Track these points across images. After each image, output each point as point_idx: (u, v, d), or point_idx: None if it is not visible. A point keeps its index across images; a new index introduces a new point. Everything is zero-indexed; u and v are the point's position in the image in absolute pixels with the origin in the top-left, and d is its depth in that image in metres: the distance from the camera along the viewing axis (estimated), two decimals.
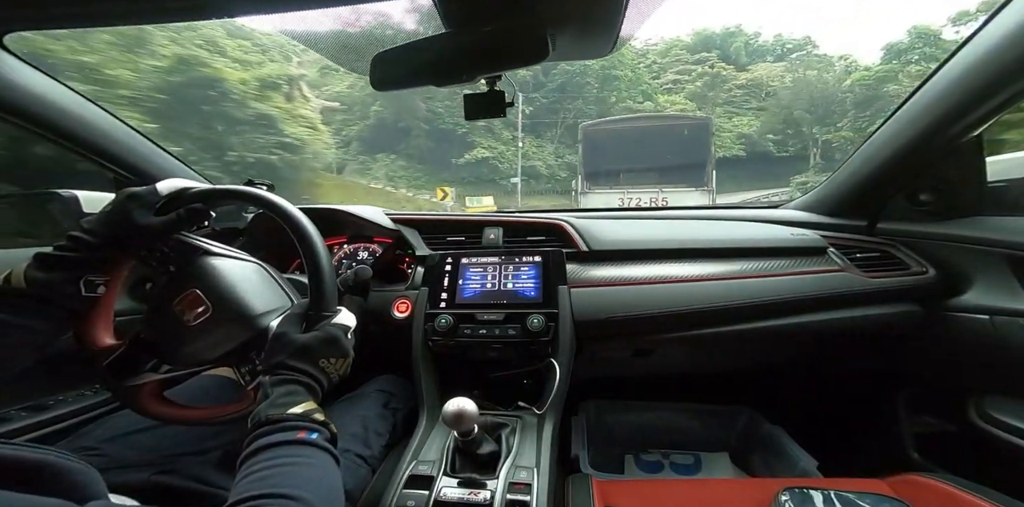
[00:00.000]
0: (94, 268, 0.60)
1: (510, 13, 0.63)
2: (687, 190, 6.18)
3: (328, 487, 0.44)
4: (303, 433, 0.47)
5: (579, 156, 6.67)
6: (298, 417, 0.48)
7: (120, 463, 0.64)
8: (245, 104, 9.81)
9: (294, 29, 0.71)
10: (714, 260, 1.00)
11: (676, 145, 6.32)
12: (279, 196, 0.67)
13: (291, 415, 0.48)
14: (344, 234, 1.21)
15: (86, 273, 0.59)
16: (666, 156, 6.35)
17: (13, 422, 0.90)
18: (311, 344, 0.55)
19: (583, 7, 0.64)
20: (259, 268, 0.69)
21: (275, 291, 0.68)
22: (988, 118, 0.82)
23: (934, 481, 0.69)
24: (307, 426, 0.47)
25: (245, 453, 0.45)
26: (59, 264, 0.57)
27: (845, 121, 18.50)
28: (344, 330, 0.59)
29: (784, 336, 0.97)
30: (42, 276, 0.55)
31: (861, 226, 1.11)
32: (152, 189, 0.63)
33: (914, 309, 0.98)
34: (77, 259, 0.58)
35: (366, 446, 0.76)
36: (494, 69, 0.69)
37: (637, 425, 1.35)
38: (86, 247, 0.58)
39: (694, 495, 0.75)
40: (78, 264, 0.58)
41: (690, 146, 6.32)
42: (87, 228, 0.59)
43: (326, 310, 0.60)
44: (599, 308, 0.92)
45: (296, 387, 0.51)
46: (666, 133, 6.45)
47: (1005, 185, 0.95)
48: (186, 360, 0.64)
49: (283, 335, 0.56)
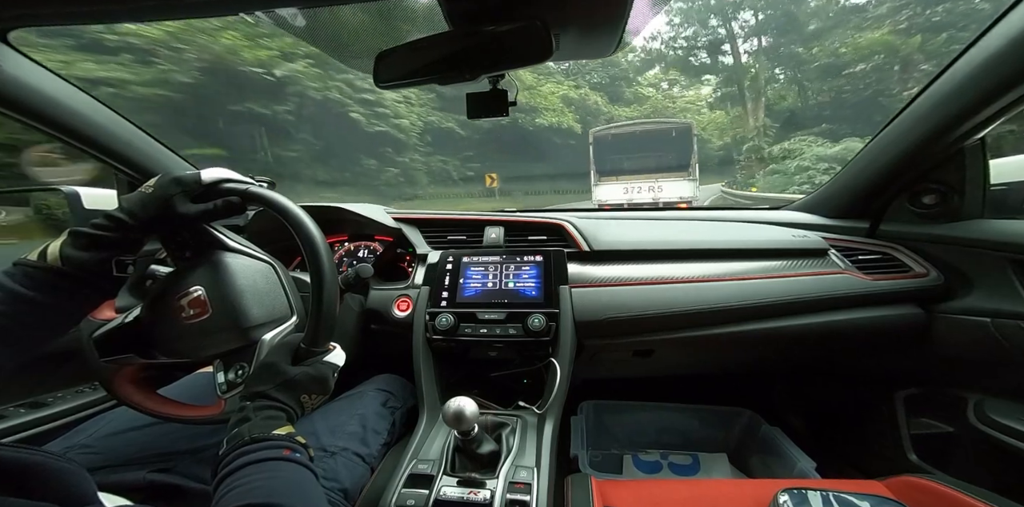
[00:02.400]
0: (126, 249, 0.59)
1: (514, 12, 0.63)
2: (676, 179, 7.70)
3: (315, 501, 0.46)
4: (288, 451, 0.48)
5: (591, 155, 8.32)
6: (283, 437, 0.49)
7: (115, 461, 0.64)
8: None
9: (297, 26, 0.71)
10: (715, 261, 1.00)
11: (666, 144, 8.02)
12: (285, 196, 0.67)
13: (276, 435, 0.49)
14: (345, 232, 1.21)
15: (119, 253, 0.58)
16: (658, 153, 7.96)
17: (11, 419, 0.90)
18: (299, 379, 0.56)
19: (587, 7, 0.64)
20: (269, 270, 0.69)
21: (277, 299, 0.67)
22: (991, 121, 0.82)
23: (932, 483, 0.69)
24: (291, 446, 0.49)
25: (225, 470, 0.46)
26: (95, 243, 0.55)
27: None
28: (333, 370, 0.60)
29: (784, 337, 0.98)
30: (78, 255, 0.54)
31: (863, 228, 1.11)
32: (196, 176, 0.62)
33: (915, 311, 0.98)
34: (113, 239, 0.56)
35: (364, 445, 0.76)
36: (497, 68, 0.69)
37: (636, 425, 1.36)
38: (124, 228, 0.56)
39: (692, 495, 0.75)
40: (113, 244, 0.57)
41: (677, 145, 8.03)
42: (127, 208, 0.57)
43: (320, 347, 0.60)
44: (600, 308, 0.92)
45: (278, 413, 0.53)
46: (658, 135, 8.24)
47: (1007, 188, 0.95)
48: (172, 354, 0.64)
49: (273, 366, 0.56)
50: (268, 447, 0.48)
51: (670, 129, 8.39)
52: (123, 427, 0.71)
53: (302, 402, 0.56)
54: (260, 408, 0.53)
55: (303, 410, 0.57)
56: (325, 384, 0.58)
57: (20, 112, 0.88)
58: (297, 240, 0.62)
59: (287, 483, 0.45)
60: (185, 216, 0.60)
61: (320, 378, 0.57)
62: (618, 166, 7.89)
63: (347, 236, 1.22)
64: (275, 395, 0.54)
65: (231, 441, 0.49)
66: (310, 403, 0.58)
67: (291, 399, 0.55)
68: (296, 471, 0.47)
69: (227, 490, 0.43)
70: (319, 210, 1.06)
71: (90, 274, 0.55)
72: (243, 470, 0.45)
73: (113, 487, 0.53)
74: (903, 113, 0.93)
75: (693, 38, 24.30)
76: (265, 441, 0.48)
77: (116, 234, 0.56)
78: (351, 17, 0.69)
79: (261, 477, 0.44)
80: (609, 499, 0.71)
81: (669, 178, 7.69)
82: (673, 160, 7.94)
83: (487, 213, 1.18)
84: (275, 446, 0.48)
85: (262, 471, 0.45)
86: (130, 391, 0.65)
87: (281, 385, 0.55)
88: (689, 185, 7.63)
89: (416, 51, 0.69)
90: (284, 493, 0.42)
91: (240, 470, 0.45)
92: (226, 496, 0.42)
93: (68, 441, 0.69)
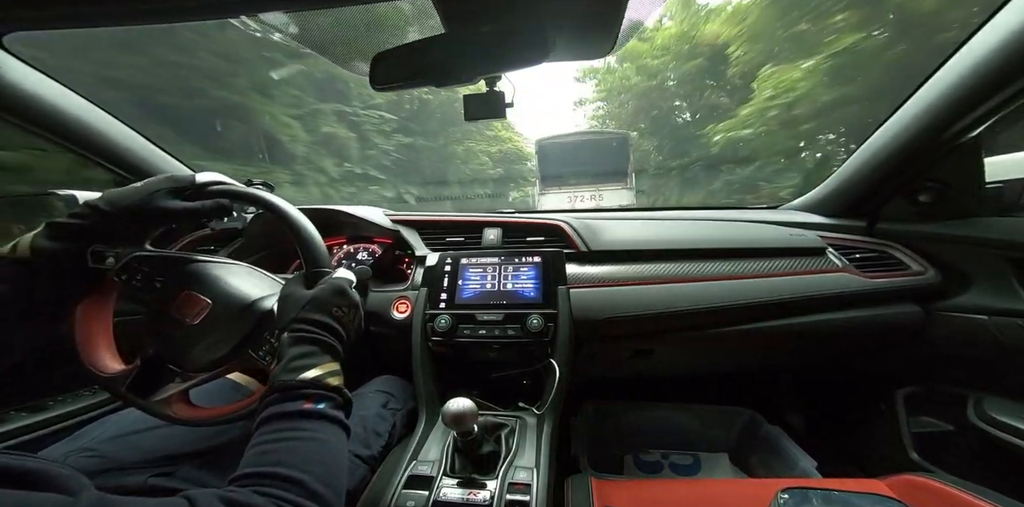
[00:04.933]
0: (103, 238, 0.58)
1: (510, 13, 0.63)
2: (616, 189, 7.88)
3: (330, 464, 0.43)
4: (309, 403, 0.45)
5: (536, 164, 8.60)
6: (308, 383, 0.47)
7: (118, 464, 0.64)
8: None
9: (293, 28, 0.71)
10: (713, 260, 1.00)
11: (606, 153, 8.18)
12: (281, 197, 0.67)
13: (300, 382, 0.46)
14: (343, 235, 1.21)
15: (94, 242, 0.57)
16: (599, 162, 8.11)
17: (10, 422, 0.90)
18: (320, 295, 0.55)
19: (583, 7, 0.64)
20: (248, 267, 0.71)
21: (268, 281, 0.69)
22: (986, 119, 0.82)
23: (933, 481, 0.69)
24: (316, 394, 0.47)
25: (258, 420, 0.45)
26: (66, 232, 0.55)
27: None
28: (348, 282, 0.60)
29: (783, 336, 0.98)
30: (49, 245, 0.53)
31: (860, 226, 1.12)
32: (191, 176, 0.63)
33: (913, 309, 0.98)
34: (85, 226, 0.56)
35: (365, 446, 0.76)
36: (494, 70, 0.69)
37: (636, 425, 1.35)
38: (98, 214, 0.56)
39: (693, 495, 0.75)
40: (86, 232, 0.56)
41: (615, 155, 8.24)
42: (106, 196, 0.57)
43: (324, 267, 0.61)
44: (598, 308, 0.92)
45: (311, 348, 0.50)
46: (598, 144, 8.40)
47: (1003, 186, 0.95)
48: (202, 362, 0.64)
49: (290, 294, 0.56)
50: (290, 398, 0.46)
51: (610, 139, 8.58)
52: (126, 430, 0.71)
53: (339, 318, 0.55)
54: (294, 341, 0.51)
55: (345, 329, 0.55)
56: (347, 295, 0.57)
57: (17, 116, 0.88)
58: (294, 241, 0.63)
59: (297, 446, 0.42)
60: (168, 211, 0.60)
61: (339, 290, 0.57)
62: (562, 175, 8.07)
63: (345, 239, 1.22)
64: (306, 316, 0.53)
65: (270, 382, 0.48)
66: (347, 319, 0.56)
67: (324, 315, 0.53)
68: (315, 429, 0.45)
69: (250, 447, 0.42)
70: (317, 212, 1.06)
71: (62, 264, 0.54)
72: (263, 426, 0.44)
73: (115, 491, 0.53)
74: (898, 111, 0.94)
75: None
76: (288, 390, 0.46)
77: (90, 221, 0.56)
78: (347, 19, 0.69)
79: (274, 438, 0.43)
80: (609, 499, 0.70)
81: (609, 187, 7.85)
82: (612, 169, 8.10)
83: (485, 214, 1.18)
84: (297, 396, 0.46)
85: (277, 430, 0.43)
86: (187, 411, 0.65)
87: (307, 305, 0.54)
88: (627, 193, 7.85)
89: (412, 53, 0.69)
90: (290, 461, 0.41)
91: (261, 426, 0.44)
92: (246, 454, 0.41)
93: (70, 445, 0.69)
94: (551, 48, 0.63)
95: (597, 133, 9.56)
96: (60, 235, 0.55)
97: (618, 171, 8.03)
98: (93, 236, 0.57)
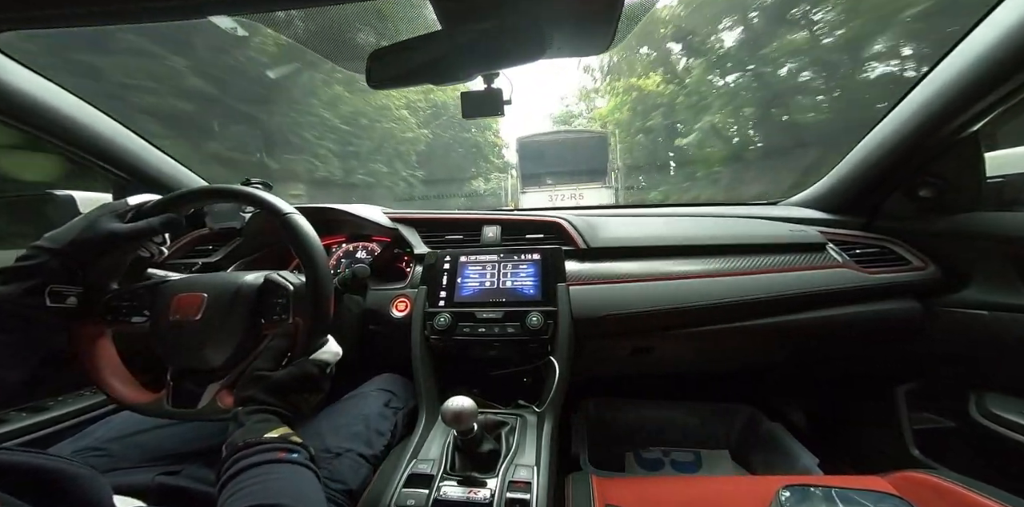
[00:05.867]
0: (58, 276, 0.59)
1: (506, 10, 0.62)
2: (596, 188, 7.88)
3: (313, 500, 0.45)
4: (283, 453, 0.48)
5: (516, 163, 8.60)
6: (276, 440, 0.49)
7: (125, 463, 0.64)
8: None
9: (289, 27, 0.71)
10: (713, 257, 0.99)
11: (585, 152, 8.15)
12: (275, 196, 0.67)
13: (268, 438, 0.49)
14: (342, 233, 1.21)
15: (50, 282, 0.58)
16: (578, 161, 8.11)
17: (12, 423, 0.90)
18: (283, 381, 0.56)
19: (579, 4, 0.63)
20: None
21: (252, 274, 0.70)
22: (986, 114, 0.82)
23: (935, 478, 0.69)
24: (286, 447, 0.49)
25: (225, 477, 0.46)
26: (17, 274, 0.57)
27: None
28: (321, 366, 0.60)
29: (783, 333, 0.97)
30: (2, 289, 0.56)
31: (860, 222, 1.11)
32: (123, 201, 0.66)
33: (913, 305, 0.98)
34: (36, 267, 0.57)
35: (368, 446, 0.76)
36: (491, 67, 0.69)
37: (637, 423, 1.35)
38: (46, 253, 0.58)
39: (694, 493, 0.75)
40: (38, 272, 0.57)
41: (595, 153, 8.23)
42: (47, 235, 0.60)
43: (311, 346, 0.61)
44: (598, 305, 0.92)
45: (269, 416, 0.53)
46: (578, 143, 8.39)
47: (1003, 181, 0.95)
48: (226, 349, 0.64)
49: (257, 371, 0.58)
50: (262, 450, 0.48)
51: (588, 138, 8.60)
52: (131, 429, 0.72)
53: (295, 402, 0.56)
54: (251, 412, 0.53)
55: (299, 410, 0.57)
56: (311, 381, 0.58)
57: (11, 117, 0.88)
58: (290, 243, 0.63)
59: (283, 484, 0.45)
60: (115, 232, 0.61)
61: (303, 376, 0.58)
62: (543, 174, 8.10)
63: (345, 237, 1.21)
64: (262, 398, 0.55)
65: (228, 448, 0.50)
66: (305, 404, 0.58)
67: (279, 401, 0.55)
68: (293, 471, 0.47)
69: (228, 496, 0.44)
70: (316, 211, 1.06)
71: (20, 306, 0.56)
72: (240, 475, 0.45)
73: (122, 490, 0.53)
74: (898, 107, 0.93)
75: None
76: (258, 445, 0.48)
77: (39, 260, 0.57)
78: (343, 17, 0.68)
79: (257, 480, 0.44)
80: (610, 497, 0.70)
81: (590, 186, 7.86)
82: (592, 168, 8.11)
83: (484, 212, 1.18)
84: (269, 449, 0.48)
85: (258, 475, 0.45)
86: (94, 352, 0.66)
87: (266, 389, 0.55)
88: (608, 193, 7.86)
89: (409, 51, 0.69)
90: (279, 494, 0.43)
91: (238, 476, 0.46)
92: (227, 502, 0.43)
93: (76, 444, 0.69)
94: (548, 44, 0.63)
95: (576, 132, 9.60)
96: (13, 279, 0.56)
97: (598, 169, 8.08)
98: (48, 276, 0.58)
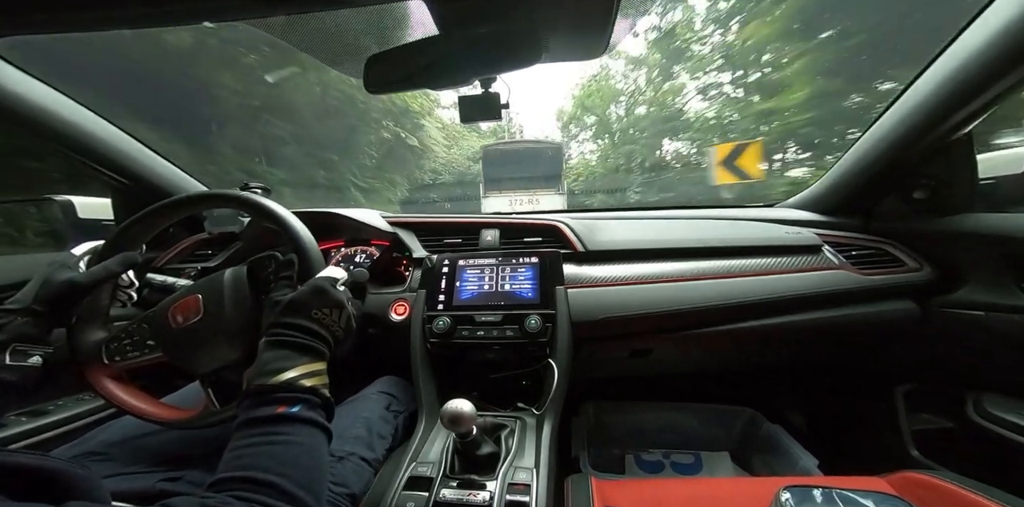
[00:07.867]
0: (23, 336, 0.58)
1: (504, 15, 0.63)
2: (550, 194, 8.54)
3: (308, 467, 0.43)
4: (283, 407, 0.45)
5: (480, 169, 9.29)
6: (280, 387, 0.47)
7: (126, 468, 0.64)
8: None
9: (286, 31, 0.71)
10: (710, 259, 1.00)
11: (542, 161, 8.91)
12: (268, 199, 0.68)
13: (272, 386, 0.47)
14: (341, 238, 1.21)
15: (12, 341, 0.58)
16: (536, 169, 8.79)
17: (11, 427, 0.89)
18: (298, 298, 0.55)
19: (575, 9, 0.64)
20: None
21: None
22: (978, 115, 0.83)
23: (934, 478, 0.69)
24: (289, 397, 0.46)
25: (234, 426, 0.45)
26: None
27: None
28: (330, 281, 0.59)
29: (781, 334, 0.98)
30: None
31: (856, 224, 1.12)
32: (68, 252, 0.67)
33: (909, 306, 0.98)
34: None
35: (370, 449, 0.76)
36: (488, 71, 0.70)
37: (637, 425, 1.35)
38: (11, 314, 0.58)
39: (694, 495, 0.75)
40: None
41: (551, 162, 9.00)
42: (11, 299, 0.60)
43: (310, 267, 0.62)
44: (596, 308, 0.92)
45: (286, 351, 0.50)
46: (537, 152, 9.16)
47: (996, 182, 0.96)
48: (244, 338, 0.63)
49: (272, 300, 0.57)
50: (262, 403, 0.46)
51: (547, 148, 9.40)
52: (132, 434, 0.71)
53: (319, 320, 0.55)
54: (267, 348, 0.51)
55: (328, 330, 0.55)
56: (327, 295, 0.57)
57: (10, 121, 0.88)
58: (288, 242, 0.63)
59: (272, 450, 0.43)
60: (74, 282, 0.62)
61: (317, 290, 0.57)
62: (503, 180, 8.72)
63: (343, 241, 1.21)
64: (283, 320, 0.53)
65: (244, 386, 0.48)
66: (330, 320, 0.56)
67: (302, 319, 0.53)
68: (290, 432, 0.45)
69: (226, 454, 0.43)
70: (314, 215, 1.06)
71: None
72: (239, 432, 0.44)
73: (123, 495, 0.53)
74: (890, 109, 0.94)
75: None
76: (260, 395, 0.46)
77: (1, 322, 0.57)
78: (340, 22, 0.69)
79: (248, 443, 0.43)
80: (609, 499, 0.70)
81: (544, 192, 8.49)
82: (548, 175, 8.78)
83: (482, 216, 1.18)
84: (270, 401, 0.46)
85: (251, 435, 0.44)
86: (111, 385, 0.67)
87: (284, 309, 0.54)
88: (559, 198, 8.55)
89: (407, 55, 0.69)
90: (264, 465, 0.41)
91: (237, 432, 0.44)
92: (223, 462, 0.42)
93: (77, 448, 0.69)
94: (545, 49, 0.64)
95: (536, 142, 10.33)
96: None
97: (552, 176, 8.76)
98: (10, 335, 0.58)
